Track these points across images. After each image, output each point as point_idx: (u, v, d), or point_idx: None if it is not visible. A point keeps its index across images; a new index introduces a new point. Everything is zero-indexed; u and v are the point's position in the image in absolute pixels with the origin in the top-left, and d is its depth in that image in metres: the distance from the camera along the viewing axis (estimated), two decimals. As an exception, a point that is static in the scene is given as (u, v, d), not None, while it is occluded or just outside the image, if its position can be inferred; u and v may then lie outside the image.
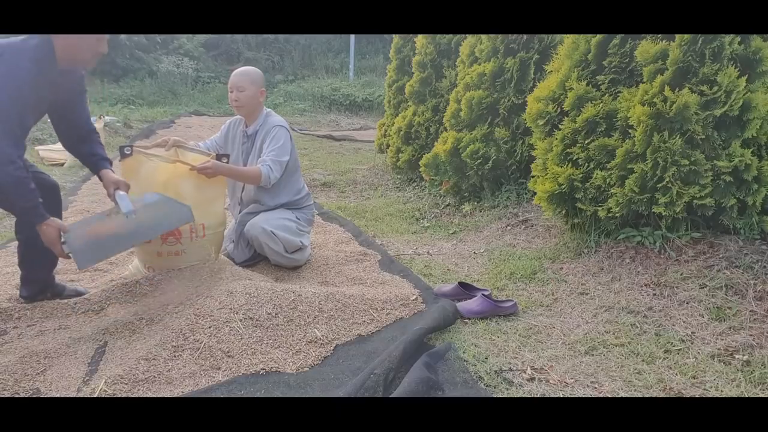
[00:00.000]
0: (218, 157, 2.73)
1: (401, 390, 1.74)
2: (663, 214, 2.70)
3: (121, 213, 2.28)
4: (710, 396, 1.82)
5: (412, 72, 5.57)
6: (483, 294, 2.49)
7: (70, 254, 2.18)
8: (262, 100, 2.99)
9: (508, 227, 3.78)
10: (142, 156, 2.57)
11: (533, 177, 3.31)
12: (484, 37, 4.26)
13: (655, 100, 2.66)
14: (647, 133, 2.68)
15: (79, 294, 2.55)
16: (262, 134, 2.95)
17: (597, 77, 3.01)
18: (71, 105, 2.33)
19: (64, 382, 1.85)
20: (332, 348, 2.13)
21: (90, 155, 2.43)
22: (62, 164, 6.21)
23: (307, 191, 3.18)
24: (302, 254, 3.04)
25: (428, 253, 3.44)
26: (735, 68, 2.56)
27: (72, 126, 2.37)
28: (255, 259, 3.06)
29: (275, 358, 2.01)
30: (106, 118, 7.72)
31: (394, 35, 6.42)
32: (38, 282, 2.49)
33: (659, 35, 2.77)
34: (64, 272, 2.91)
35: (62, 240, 2.15)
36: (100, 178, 2.41)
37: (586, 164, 2.96)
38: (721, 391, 1.84)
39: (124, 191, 2.33)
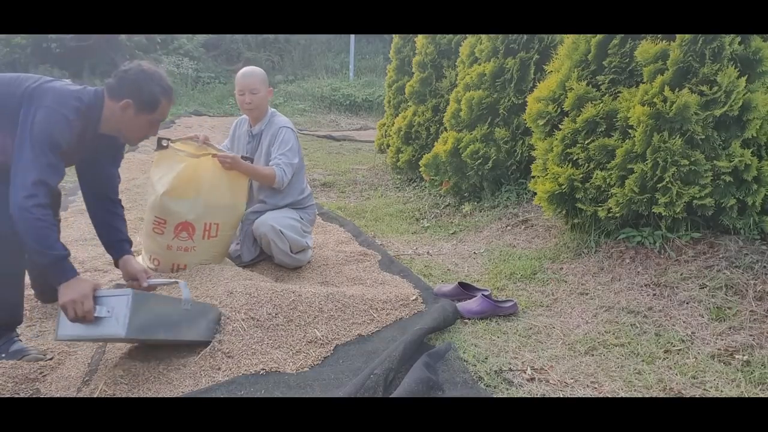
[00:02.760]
0: (243, 159, 2.79)
1: (401, 390, 1.74)
2: (663, 214, 2.70)
3: (178, 300, 1.99)
4: (710, 396, 1.82)
5: (412, 72, 5.57)
6: (483, 294, 2.49)
7: (100, 316, 1.77)
8: (270, 99, 3.06)
9: (508, 227, 3.77)
10: (174, 151, 2.62)
11: (533, 177, 3.31)
12: (484, 37, 4.26)
13: (655, 100, 2.66)
14: (647, 133, 2.67)
15: None
16: (268, 134, 3.00)
17: (597, 77, 3.01)
18: (99, 163, 2.21)
19: (64, 382, 1.85)
20: (332, 348, 2.13)
21: (113, 229, 2.22)
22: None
23: (310, 191, 3.20)
24: (305, 255, 3.05)
25: (428, 253, 3.44)
26: (735, 68, 2.56)
27: (95, 183, 2.23)
28: (258, 258, 3.07)
29: (275, 358, 2.01)
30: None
31: (394, 35, 6.42)
32: (53, 290, 2.46)
33: (659, 35, 2.77)
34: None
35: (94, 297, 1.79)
36: (118, 264, 2.19)
37: (586, 164, 2.96)
38: (721, 391, 1.84)
39: (148, 279, 2.12)
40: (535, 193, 3.22)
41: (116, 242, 2.22)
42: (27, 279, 2.46)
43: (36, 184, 1.78)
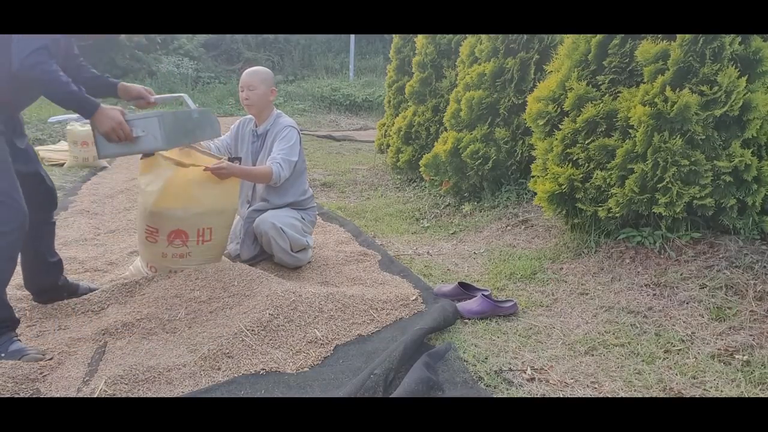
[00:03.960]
0: (230, 160, 2.74)
1: (401, 390, 1.74)
2: (663, 214, 2.70)
3: (189, 111, 2.46)
4: (710, 396, 1.82)
5: (412, 72, 5.57)
6: (483, 294, 2.49)
7: (139, 136, 2.17)
8: (272, 99, 3.05)
9: (508, 227, 3.77)
10: (161, 158, 2.57)
11: (533, 177, 3.31)
12: (484, 37, 4.26)
13: (655, 100, 2.66)
14: (648, 133, 2.67)
15: (92, 290, 2.56)
16: (273, 134, 3.00)
17: (597, 77, 3.01)
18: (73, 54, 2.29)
19: (64, 382, 1.85)
20: (332, 348, 2.13)
21: (92, 78, 2.33)
22: (62, 164, 6.22)
23: (311, 193, 3.21)
24: (305, 254, 3.06)
25: (428, 253, 3.44)
26: (735, 68, 2.56)
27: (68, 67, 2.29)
28: (258, 257, 3.07)
29: (275, 358, 2.01)
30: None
31: (394, 35, 6.42)
32: (50, 291, 2.47)
33: (659, 35, 2.77)
34: (65, 272, 2.90)
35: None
36: (119, 94, 2.34)
37: (587, 164, 2.96)
38: (721, 391, 1.84)
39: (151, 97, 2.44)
40: (535, 193, 3.22)
41: (104, 85, 2.34)
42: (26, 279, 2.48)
43: (38, 49, 1.91)
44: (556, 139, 3.08)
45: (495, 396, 1.82)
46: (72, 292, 2.52)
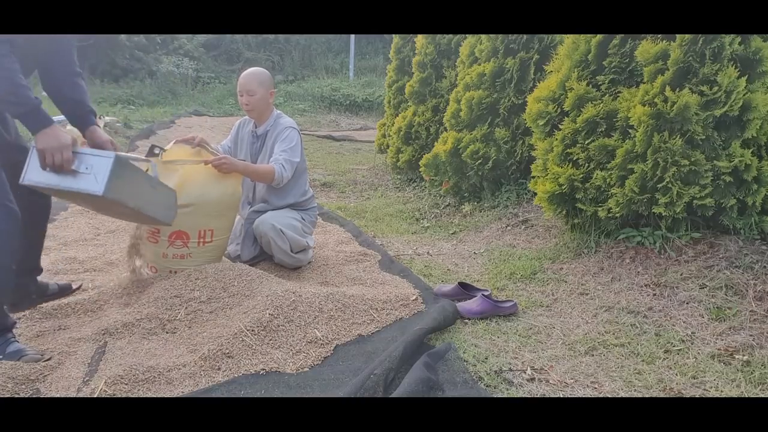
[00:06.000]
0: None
1: (401, 390, 1.74)
2: (663, 214, 2.70)
3: (149, 176, 2.11)
4: (710, 396, 1.82)
5: (412, 72, 5.57)
6: (483, 294, 2.49)
7: (78, 170, 1.83)
8: (272, 100, 3.03)
9: (508, 227, 3.77)
10: (165, 163, 2.55)
11: (533, 177, 3.31)
12: (484, 37, 4.26)
13: (655, 100, 2.66)
14: (648, 133, 2.68)
15: (63, 289, 2.52)
16: (273, 135, 2.99)
17: (597, 77, 3.01)
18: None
19: (64, 382, 1.85)
20: (332, 348, 2.13)
21: (74, 102, 2.15)
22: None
23: (312, 193, 3.20)
24: (305, 255, 3.05)
25: (428, 253, 3.44)
26: (735, 68, 2.56)
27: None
28: (258, 258, 3.07)
29: (275, 358, 2.01)
30: (106, 118, 7.72)
31: (394, 35, 6.42)
32: (19, 290, 2.31)
33: (659, 35, 2.77)
34: (65, 272, 2.90)
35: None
36: (85, 135, 2.15)
37: (587, 164, 2.96)
38: (721, 391, 1.84)
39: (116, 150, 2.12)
40: (535, 193, 3.22)
41: (80, 117, 2.19)
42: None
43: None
44: (556, 139, 3.08)
45: (495, 396, 1.82)
46: (41, 292, 2.46)
